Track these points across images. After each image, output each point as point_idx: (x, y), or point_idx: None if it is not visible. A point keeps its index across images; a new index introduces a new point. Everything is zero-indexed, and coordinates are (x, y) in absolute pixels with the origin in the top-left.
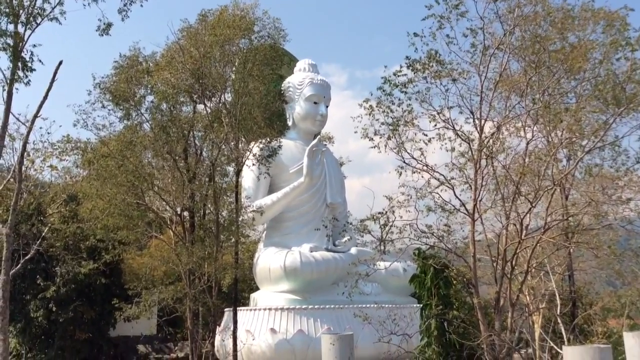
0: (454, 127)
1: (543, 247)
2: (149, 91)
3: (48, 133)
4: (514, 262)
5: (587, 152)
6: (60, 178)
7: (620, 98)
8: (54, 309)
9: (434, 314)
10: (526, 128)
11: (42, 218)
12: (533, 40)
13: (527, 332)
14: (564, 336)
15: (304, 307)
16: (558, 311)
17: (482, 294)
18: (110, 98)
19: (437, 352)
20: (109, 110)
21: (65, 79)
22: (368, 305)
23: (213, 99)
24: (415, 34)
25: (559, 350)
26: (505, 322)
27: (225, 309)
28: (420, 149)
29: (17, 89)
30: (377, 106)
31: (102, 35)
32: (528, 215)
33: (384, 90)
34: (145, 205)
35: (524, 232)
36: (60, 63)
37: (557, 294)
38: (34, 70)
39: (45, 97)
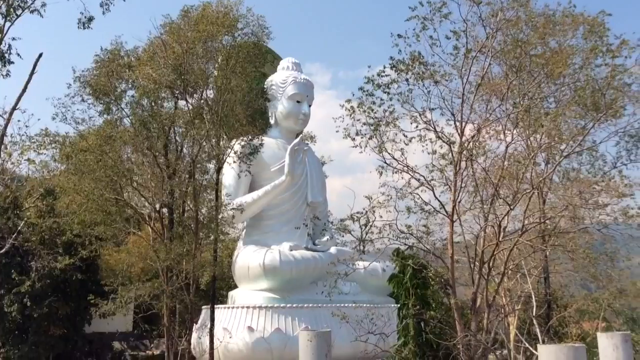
0: (435, 128)
1: (520, 250)
2: (130, 86)
3: (26, 126)
4: (491, 264)
5: (565, 156)
6: (37, 172)
7: (599, 104)
8: (28, 303)
9: (411, 313)
10: (506, 131)
11: (18, 212)
12: (514, 45)
13: (502, 333)
14: (539, 337)
15: (282, 305)
16: (533, 313)
17: (459, 295)
18: (90, 92)
19: (413, 351)
20: (89, 104)
21: (45, 71)
22: (346, 305)
23: (195, 95)
24: (399, 35)
25: (534, 351)
26: (482, 322)
27: (203, 307)
28: (401, 149)
29: None
30: (358, 107)
31: (84, 28)
32: (506, 217)
33: (365, 91)
34: (123, 201)
35: (502, 234)
36: (40, 55)
37: (532, 296)
38: (12, 62)
39: (24, 90)
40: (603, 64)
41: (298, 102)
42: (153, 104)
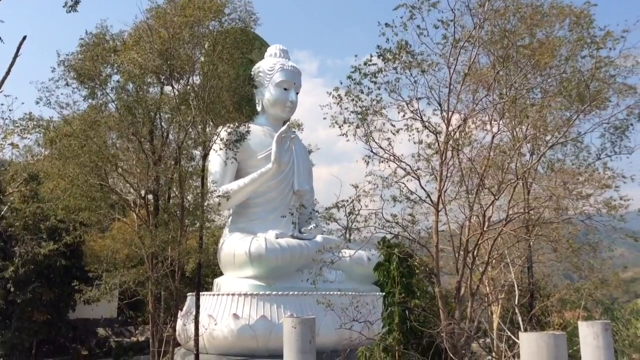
0: (421, 118)
1: (504, 239)
2: (115, 70)
3: (10, 110)
4: (475, 253)
5: (550, 147)
6: (21, 156)
7: (584, 95)
8: (12, 289)
9: (396, 302)
10: (492, 122)
11: (1, 197)
12: (502, 35)
13: (485, 322)
14: (521, 326)
15: (267, 293)
16: (516, 302)
17: (443, 284)
18: (75, 76)
19: (397, 339)
20: (73, 88)
21: (30, 55)
22: (331, 293)
23: (181, 81)
24: (387, 24)
25: (516, 340)
26: (465, 311)
27: (188, 294)
28: (388, 138)
29: None
30: (345, 95)
31: (69, 11)
32: (491, 207)
33: (353, 79)
34: (108, 187)
35: (486, 223)
36: (24, 38)
37: (516, 285)
38: None
39: (7, 73)
40: (588, 55)
41: (285, 89)
42: (138, 89)
